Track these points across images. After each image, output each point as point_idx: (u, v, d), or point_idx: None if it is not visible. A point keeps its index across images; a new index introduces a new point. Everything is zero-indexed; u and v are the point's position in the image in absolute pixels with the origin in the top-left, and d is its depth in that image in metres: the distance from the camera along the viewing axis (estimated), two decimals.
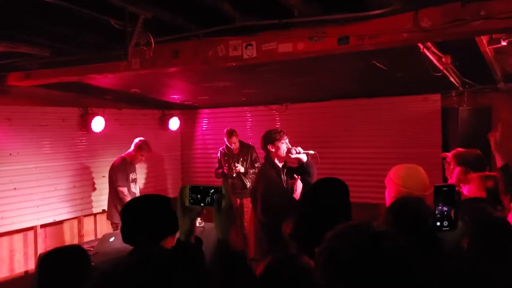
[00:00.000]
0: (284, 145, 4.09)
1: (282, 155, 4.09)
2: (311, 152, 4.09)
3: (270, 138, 4.12)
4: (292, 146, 4.11)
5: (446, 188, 1.70)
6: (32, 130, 5.74)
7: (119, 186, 5.70)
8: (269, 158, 4.14)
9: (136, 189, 5.99)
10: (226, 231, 1.46)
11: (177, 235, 1.61)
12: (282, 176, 4.10)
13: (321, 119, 6.74)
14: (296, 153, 4.04)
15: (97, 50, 3.68)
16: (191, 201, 1.52)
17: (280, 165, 4.14)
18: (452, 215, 1.64)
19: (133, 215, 2.21)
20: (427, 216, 1.71)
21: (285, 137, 4.13)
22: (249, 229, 6.44)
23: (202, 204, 1.51)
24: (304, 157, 4.06)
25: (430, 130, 6.01)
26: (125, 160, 5.88)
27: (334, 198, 2.16)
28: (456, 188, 1.72)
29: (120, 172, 5.75)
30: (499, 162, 3.08)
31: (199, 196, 1.51)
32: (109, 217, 5.91)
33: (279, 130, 4.22)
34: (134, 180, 5.97)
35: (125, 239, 2.20)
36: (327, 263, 1.19)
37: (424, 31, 2.91)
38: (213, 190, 1.50)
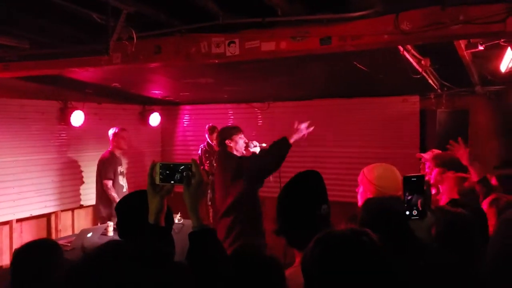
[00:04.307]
0: (241, 140, 4.26)
1: (240, 149, 4.24)
2: (264, 145, 4.33)
3: (228, 133, 4.28)
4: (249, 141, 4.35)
5: (415, 178, 1.75)
6: (9, 123, 5.63)
7: (106, 179, 5.68)
8: (226, 151, 4.23)
9: (124, 181, 5.95)
10: (195, 207, 1.44)
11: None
12: None
13: (302, 118, 6.72)
14: (254, 146, 4.29)
15: (78, 44, 3.65)
16: (161, 177, 1.50)
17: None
18: (420, 205, 1.70)
19: (128, 210, 2.19)
20: (401, 214, 1.76)
21: (242, 133, 4.30)
22: None
23: (172, 182, 1.50)
24: (257, 151, 4.30)
25: (408, 131, 6.10)
26: (113, 153, 5.86)
27: (310, 188, 2.19)
28: (426, 178, 1.78)
29: (110, 165, 5.74)
30: (475, 176, 3.03)
31: (169, 173, 1.50)
32: (97, 211, 5.89)
33: (235, 126, 4.43)
34: (122, 173, 5.96)
35: (120, 234, 2.20)
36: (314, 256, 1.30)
37: (404, 33, 2.96)
38: (183, 167, 1.48)
